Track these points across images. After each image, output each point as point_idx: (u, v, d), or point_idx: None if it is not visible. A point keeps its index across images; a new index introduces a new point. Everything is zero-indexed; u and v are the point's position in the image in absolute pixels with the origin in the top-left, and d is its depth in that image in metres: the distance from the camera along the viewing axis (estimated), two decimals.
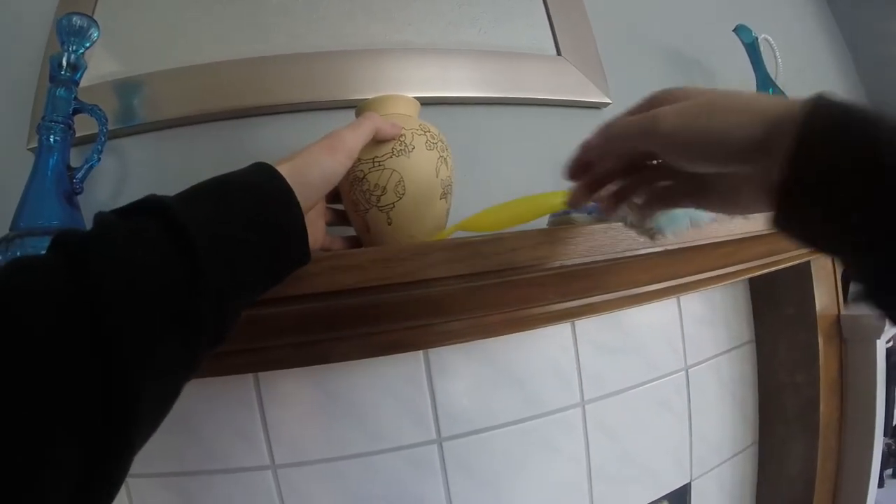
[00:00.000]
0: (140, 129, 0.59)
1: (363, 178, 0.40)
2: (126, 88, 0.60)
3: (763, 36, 0.76)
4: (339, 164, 0.35)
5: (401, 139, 0.40)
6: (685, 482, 0.66)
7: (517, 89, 0.66)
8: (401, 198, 0.40)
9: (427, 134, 0.42)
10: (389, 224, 0.41)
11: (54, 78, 0.51)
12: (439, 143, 0.43)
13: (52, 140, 0.51)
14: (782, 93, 0.74)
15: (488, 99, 0.65)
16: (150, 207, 0.26)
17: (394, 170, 0.40)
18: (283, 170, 0.32)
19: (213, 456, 0.51)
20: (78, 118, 0.52)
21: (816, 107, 0.22)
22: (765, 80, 0.76)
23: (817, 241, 0.24)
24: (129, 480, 0.52)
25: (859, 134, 0.21)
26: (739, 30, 0.77)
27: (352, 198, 0.42)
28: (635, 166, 0.34)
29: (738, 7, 0.86)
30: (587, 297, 0.46)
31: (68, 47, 0.51)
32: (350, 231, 0.47)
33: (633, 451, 0.62)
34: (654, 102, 0.31)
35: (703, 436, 0.67)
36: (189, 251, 0.24)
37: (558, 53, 0.70)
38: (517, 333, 0.50)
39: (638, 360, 0.62)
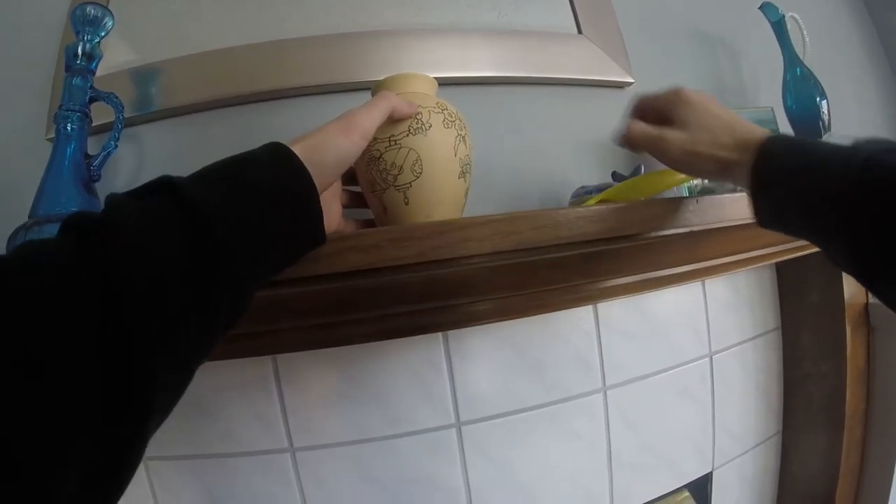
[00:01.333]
0: (157, 115, 0.59)
1: (379, 157, 0.39)
2: (142, 76, 0.60)
3: (790, 14, 0.73)
4: (354, 144, 0.35)
5: (417, 117, 0.39)
6: (706, 472, 0.65)
7: (537, 69, 0.64)
8: (418, 177, 0.39)
9: (444, 112, 0.41)
10: (407, 204, 0.40)
11: (70, 67, 0.51)
12: (457, 122, 0.42)
13: (69, 128, 0.51)
14: (810, 72, 0.72)
15: (508, 79, 0.64)
16: (162, 188, 0.25)
17: (410, 148, 0.39)
18: (297, 149, 0.31)
19: (231, 439, 0.51)
20: (95, 107, 0.52)
21: (761, 148, 0.34)
22: (792, 60, 0.73)
23: (784, 224, 0.35)
24: (148, 463, 0.52)
25: (793, 163, 0.33)
26: (765, 7, 0.74)
27: (368, 178, 0.41)
28: None
29: None
30: (610, 279, 0.45)
31: (83, 37, 0.52)
32: (367, 214, 0.46)
33: (653, 439, 0.60)
34: (669, 100, 0.41)
35: (726, 425, 0.66)
36: (203, 232, 0.24)
37: (579, 32, 0.68)
38: (538, 316, 0.49)
39: (661, 346, 0.60)
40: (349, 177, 0.43)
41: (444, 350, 0.52)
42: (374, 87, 0.44)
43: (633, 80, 0.69)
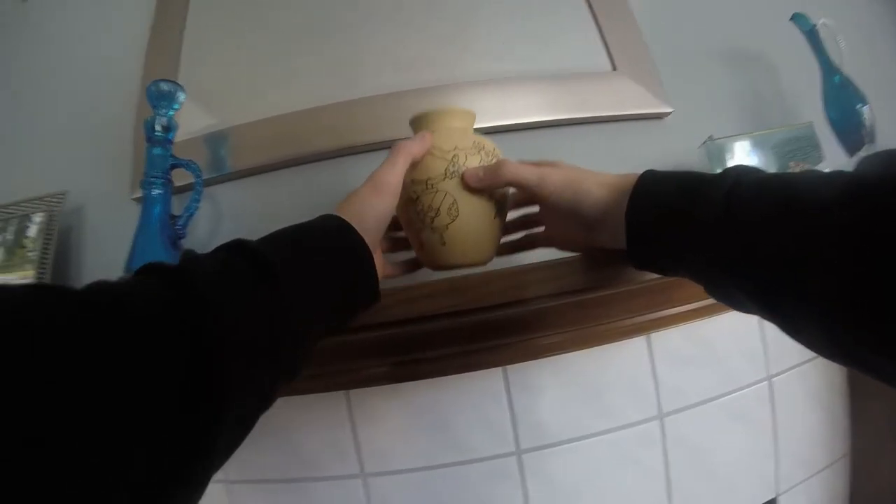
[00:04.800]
0: (229, 177, 0.66)
1: (417, 199, 0.40)
2: (213, 141, 0.67)
3: (822, 21, 0.72)
4: (387, 203, 0.38)
5: (453, 160, 0.39)
6: (770, 497, 0.63)
7: (577, 110, 0.66)
8: (454, 219, 0.39)
9: (481, 152, 0.40)
10: (443, 245, 0.40)
11: (150, 138, 0.58)
12: (494, 161, 0.41)
13: (154, 193, 0.58)
14: (848, 79, 0.70)
15: (549, 122, 0.66)
16: (235, 248, 0.29)
17: (447, 192, 0.39)
18: (345, 217, 0.35)
19: (308, 465, 0.56)
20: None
21: (634, 191, 0.33)
22: (829, 69, 0.71)
23: (659, 268, 0.35)
24: (229, 486, 0.57)
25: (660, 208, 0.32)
26: (796, 18, 0.73)
27: (406, 216, 0.42)
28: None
29: None
30: (656, 311, 0.46)
31: (159, 110, 0.59)
32: (410, 254, 0.47)
33: (713, 465, 0.60)
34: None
35: (790, 448, 0.64)
36: (271, 284, 0.28)
37: (614, 69, 0.69)
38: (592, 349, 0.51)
39: (718, 372, 0.59)
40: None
41: (504, 381, 0.54)
42: (413, 119, 0.44)
43: (671, 110, 0.69)
